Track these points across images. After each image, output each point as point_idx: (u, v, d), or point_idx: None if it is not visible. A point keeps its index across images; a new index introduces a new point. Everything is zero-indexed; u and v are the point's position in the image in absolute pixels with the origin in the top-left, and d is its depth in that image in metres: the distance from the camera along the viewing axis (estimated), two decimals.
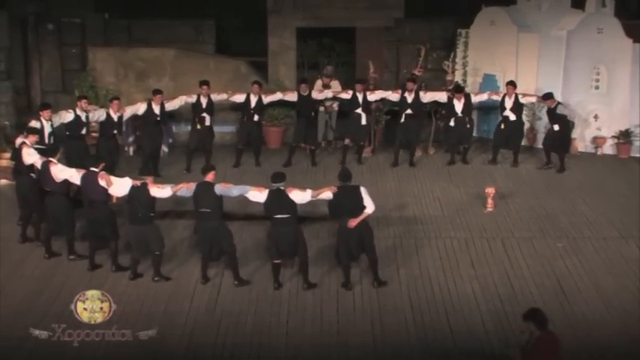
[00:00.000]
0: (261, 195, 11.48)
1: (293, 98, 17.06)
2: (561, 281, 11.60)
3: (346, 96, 17.00)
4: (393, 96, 17.01)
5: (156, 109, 15.90)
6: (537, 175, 16.06)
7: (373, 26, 19.66)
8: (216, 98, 16.60)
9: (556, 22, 17.67)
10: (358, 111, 16.70)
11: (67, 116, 14.80)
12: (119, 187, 11.79)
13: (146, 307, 10.89)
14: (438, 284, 11.54)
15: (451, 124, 16.80)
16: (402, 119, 16.68)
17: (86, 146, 15.07)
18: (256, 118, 16.69)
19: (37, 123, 13.89)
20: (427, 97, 16.96)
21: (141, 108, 15.94)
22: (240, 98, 16.74)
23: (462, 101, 16.66)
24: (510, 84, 16.72)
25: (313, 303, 11.03)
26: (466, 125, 16.77)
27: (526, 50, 17.90)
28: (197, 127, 16.34)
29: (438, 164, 16.82)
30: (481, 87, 18.34)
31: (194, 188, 11.61)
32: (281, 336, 10.26)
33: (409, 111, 16.60)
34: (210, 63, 18.70)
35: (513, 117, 16.60)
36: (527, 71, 17.84)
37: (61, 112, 14.80)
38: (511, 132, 16.63)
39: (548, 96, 16.30)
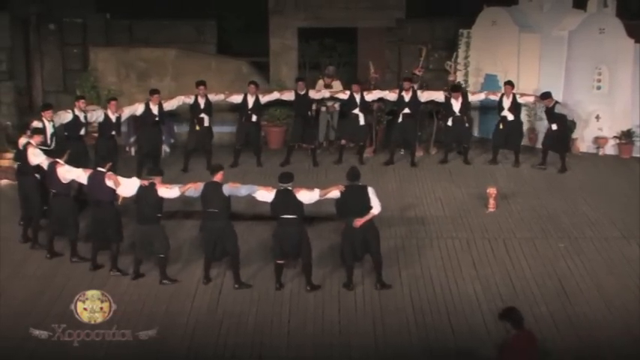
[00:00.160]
0: (268, 195, 11.44)
1: (290, 97, 17.04)
2: (563, 281, 11.59)
3: (344, 96, 17.01)
4: (391, 96, 17.01)
5: (154, 110, 15.89)
6: (539, 176, 16.05)
7: (375, 26, 19.66)
8: (213, 99, 16.57)
9: (558, 22, 17.66)
10: (355, 111, 16.69)
11: (66, 117, 14.78)
12: (127, 188, 11.76)
13: (147, 307, 10.89)
14: (440, 285, 11.54)
15: (449, 124, 16.81)
16: (400, 119, 16.69)
17: (85, 147, 15.04)
18: (254, 119, 16.66)
19: (40, 123, 13.88)
20: (425, 97, 16.95)
21: (139, 109, 15.92)
22: (237, 99, 16.71)
23: (460, 100, 16.67)
24: (508, 84, 16.72)
25: (315, 303, 11.02)
26: (464, 124, 16.77)
27: (528, 50, 17.89)
28: (196, 128, 16.31)
29: (440, 164, 16.81)
30: (483, 87, 18.32)
31: (202, 188, 11.56)
32: (282, 336, 10.25)
33: (407, 110, 16.61)
34: (211, 63, 18.70)
35: (511, 117, 16.59)
36: (528, 71, 17.84)
37: (60, 113, 14.77)
38: (510, 132, 16.62)
39: (546, 95, 16.28)
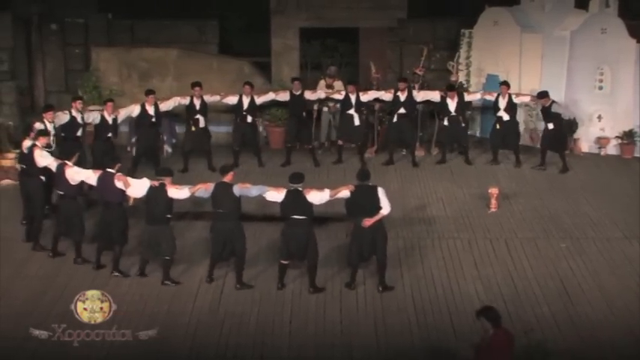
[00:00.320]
0: (278, 195, 11.41)
1: (285, 98, 17.01)
2: (565, 282, 11.59)
3: (339, 97, 17.00)
4: (386, 96, 16.99)
5: (150, 110, 15.88)
6: (541, 176, 16.05)
7: (376, 26, 19.64)
8: (209, 100, 16.57)
9: (559, 23, 17.66)
10: (350, 112, 16.68)
11: (63, 118, 14.74)
12: (137, 188, 11.73)
13: (149, 308, 10.89)
14: (442, 285, 11.54)
15: (445, 124, 16.81)
16: (395, 119, 16.70)
17: (82, 148, 14.92)
18: (249, 119, 16.64)
19: (41, 125, 13.86)
20: (420, 97, 16.96)
21: (135, 110, 15.91)
22: (233, 100, 16.70)
23: (456, 100, 16.66)
24: (504, 84, 16.73)
25: (316, 303, 11.02)
26: (460, 124, 16.77)
27: (529, 50, 17.89)
28: (191, 129, 16.33)
29: (442, 164, 16.80)
30: (484, 87, 18.31)
31: (212, 189, 11.53)
32: (284, 336, 10.25)
33: (402, 110, 16.62)
34: (213, 63, 18.71)
35: (507, 117, 16.58)
36: (530, 71, 17.84)
37: (58, 114, 14.69)
38: (506, 132, 16.62)
39: (543, 94, 16.26)
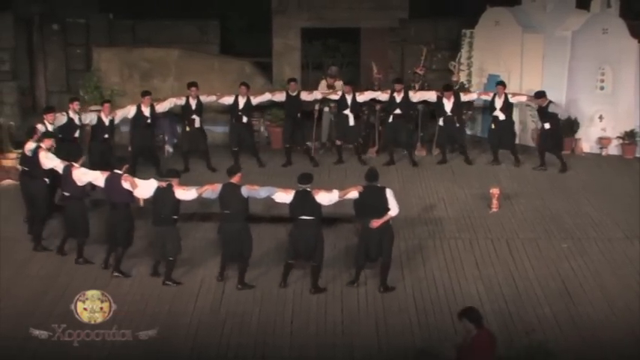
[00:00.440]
0: (287, 196, 11.39)
1: (281, 98, 16.99)
2: (566, 282, 11.58)
3: (335, 97, 17.00)
4: (383, 96, 16.99)
5: (145, 111, 15.88)
6: (542, 176, 16.03)
7: (378, 27, 19.64)
8: (205, 100, 16.57)
9: (561, 23, 17.65)
10: (346, 112, 16.68)
11: (61, 119, 14.70)
12: (144, 189, 11.72)
13: (150, 308, 10.89)
14: (443, 285, 11.53)
15: (440, 124, 16.82)
16: (390, 119, 16.70)
17: (80, 149, 14.89)
18: (245, 120, 16.63)
19: (42, 127, 13.84)
20: (417, 97, 16.96)
21: (131, 111, 15.90)
22: (228, 100, 16.69)
23: (452, 100, 16.66)
24: (500, 84, 16.74)
25: (318, 303, 11.02)
26: (455, 124, 16.75)
27: (531, 50, 17.88)
28: (187, 130, 16.34)
29: (443, 165, 16.79)
30: (486, 87, 18.30)
31: (219, 190, 11.51)
32: (285, 336, 10.25)
33: (397, 111, 16.62)
34: (214, 63, 18.71)
35: (502, 117, 16.56)
36: (531, 71, 17.84)
37: (57, 115, 14.61)
38: (502, 131, 16.62)
39: (540, 94, 16.25)
